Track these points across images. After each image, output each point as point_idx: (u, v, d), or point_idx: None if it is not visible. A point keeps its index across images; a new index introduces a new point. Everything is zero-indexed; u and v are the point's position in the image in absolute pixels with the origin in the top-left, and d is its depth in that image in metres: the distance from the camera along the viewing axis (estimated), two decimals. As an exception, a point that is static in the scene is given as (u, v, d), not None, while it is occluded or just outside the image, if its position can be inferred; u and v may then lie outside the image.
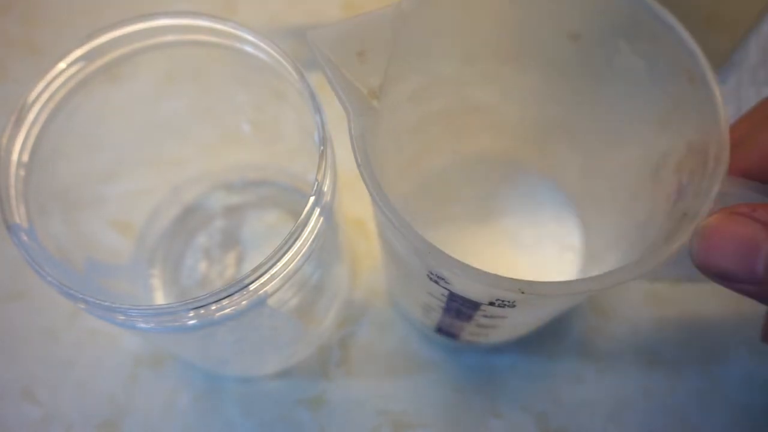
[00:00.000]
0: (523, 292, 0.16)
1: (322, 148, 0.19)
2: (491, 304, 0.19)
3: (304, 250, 0.19)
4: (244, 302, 0.18)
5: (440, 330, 0.25)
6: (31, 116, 0.20)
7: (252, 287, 0.18)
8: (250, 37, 0.21)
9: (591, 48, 0.21)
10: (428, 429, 0.26)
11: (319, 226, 0.19)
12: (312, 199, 0.18)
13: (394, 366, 0.27)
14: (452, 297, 0.20)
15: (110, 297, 0.17)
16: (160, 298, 0.27)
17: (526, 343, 0.27)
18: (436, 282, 0.19)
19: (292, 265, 0.19)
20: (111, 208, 0.27)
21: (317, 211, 0.19)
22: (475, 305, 0.19)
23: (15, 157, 0.20)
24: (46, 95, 0.20)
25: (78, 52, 0.21)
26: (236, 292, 0.17)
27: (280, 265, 0.18)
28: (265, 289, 0.18)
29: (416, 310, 0.25)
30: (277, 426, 0.26)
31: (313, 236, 0.19)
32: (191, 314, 0.17)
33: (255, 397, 0.26)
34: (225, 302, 0.18)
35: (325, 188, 0.19)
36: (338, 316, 0.28)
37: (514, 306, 0.18)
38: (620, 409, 0.26)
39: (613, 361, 0.27)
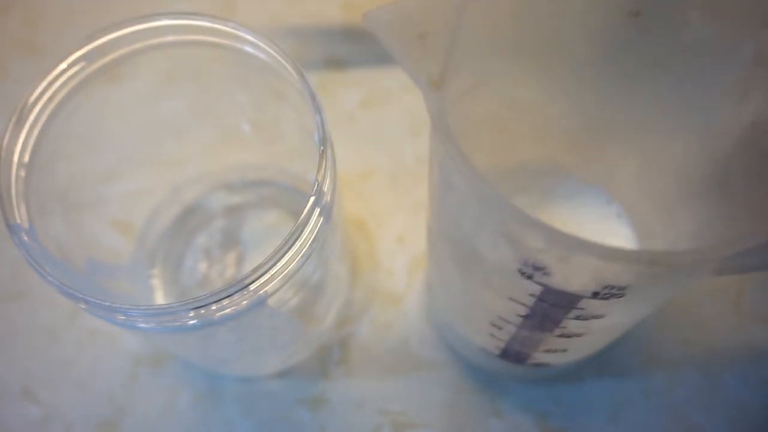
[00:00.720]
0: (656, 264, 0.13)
1: (322, 148, 0.19)
2: (595, 295, 0.16)
3: (304, 250, 0.19)
4: (244, 302, 0.18)
5: (505, 353, 0.23)
6: (31, 117, 0.20)
7: (252, 287, 0.18)
8: (250, 37, 0.21)
9: (653, 24, 0.19)
10: (429, 429, 0.26)
11: (319, 226, 0.19)
12: (312, 199, 0.18)
13: (394, 366, 0.27)
14: (544, 296, 0.17)
15: (110, 297, 0.17)
16: (160, 298, 0.28)
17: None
18: (530, 277, 0.16)
19: (292, 265, 0.19)
20: (111, 208, 0.27)
21: (317, 211, 0.19)
22: (572, 301, 0.17)
23: (16, 157, 0.20)
24: (46, 96, 0.20)
25: (78, 53, 0.21)
26: (236, 292, 0.18)
27: (280, 265, 0.18)
28: (265, 289, 0.18)
29: (479, 332, 0.22)
30: (277, 426, 0.26)
31: (313, 236, 0.19)
32: (191, 314, 0.18)
33: (255, 397, 0.26)
34: (225, 302, 0.18)
35: (325, 188, 0.19)
36: (338, 316, 0.28)
37: (622, 295, 0.16)
38: (620, 409, 0.26)
39: (613, 361, 0.27)
